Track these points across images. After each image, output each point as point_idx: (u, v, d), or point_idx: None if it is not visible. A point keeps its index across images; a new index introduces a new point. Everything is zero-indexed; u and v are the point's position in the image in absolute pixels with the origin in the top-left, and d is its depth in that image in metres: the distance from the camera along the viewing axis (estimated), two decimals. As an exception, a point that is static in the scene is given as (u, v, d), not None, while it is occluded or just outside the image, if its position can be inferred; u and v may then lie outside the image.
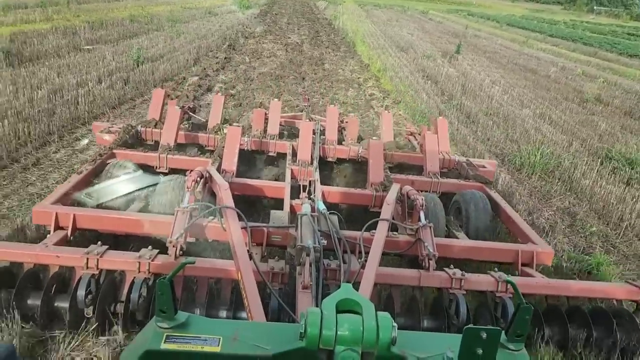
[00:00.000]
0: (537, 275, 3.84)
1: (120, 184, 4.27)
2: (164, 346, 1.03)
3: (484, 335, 0.96)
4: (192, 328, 1.08)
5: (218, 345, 1.06)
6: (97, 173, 4.56)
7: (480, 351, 0.97)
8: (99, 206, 4.17)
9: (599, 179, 7.17)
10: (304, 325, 1.05)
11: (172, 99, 6.74)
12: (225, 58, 13.47)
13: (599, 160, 8.13)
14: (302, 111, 7.82)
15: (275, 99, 6.27)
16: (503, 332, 1.12)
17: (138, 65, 10.54)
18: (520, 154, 7.79)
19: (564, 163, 7.59)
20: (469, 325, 0.95)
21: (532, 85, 14.64)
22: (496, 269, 3.71)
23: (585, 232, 5.74)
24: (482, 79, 14.05)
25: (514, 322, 1.12)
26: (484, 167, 5.81)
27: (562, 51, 25.56)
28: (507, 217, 4.72)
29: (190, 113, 6.63)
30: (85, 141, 5.59)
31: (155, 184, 4.33)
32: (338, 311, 1.09)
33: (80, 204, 4.09)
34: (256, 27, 21.04)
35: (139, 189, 4.31)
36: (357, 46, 18.46)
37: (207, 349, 1.05)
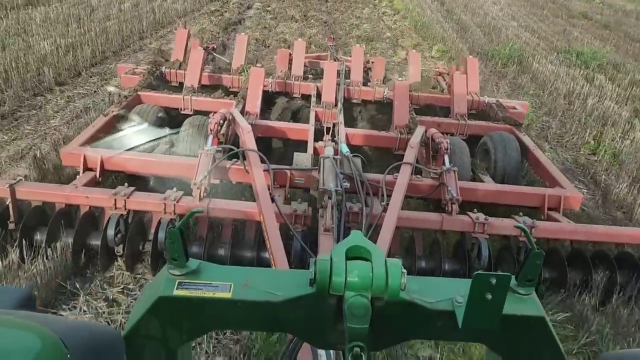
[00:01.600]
0: (564, 220, 3.79)
1: (125, 138, 4.25)
2: (176, 292, 1.05)
3: (494, 280, 0.96)
4: (204, 275, 1.10)
5: (229, 292, 1.08)
6: (123, 115, 4.60)
7: (489, 296, 0.97)
8: None
9: (547, 63, 9.16)
10: (313, 272, 1.06)
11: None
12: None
13: (555, 53, 10.01)
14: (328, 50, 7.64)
15: (300, 39, 6.12)
16: (513, 277, 1.11)
17: (192, -13, 12.84)
18: (492, 49, 9.71)
19: (525, 55, 9.51)
20: (479, 272, 0.94)
21: (530, 5, 15.85)
22: (521, 214, 3.66)
23: (523, 93, 7.80)
24: (483, 2, 15.26)
25: (525, 267, 1.11)
26: (514, 108, 5.63)
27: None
28: (535, 160, 4.61)
29: (214, 54, 6.55)
30: (111, 88, 5.64)
31: (161, 137, 4.32)
32: (348, 258, 1.09)
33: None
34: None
35: (144, 143, 4.28)
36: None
37: (219, 295, 1.07)
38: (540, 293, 3.28)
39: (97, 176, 3.75)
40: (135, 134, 4.26)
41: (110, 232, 3.17)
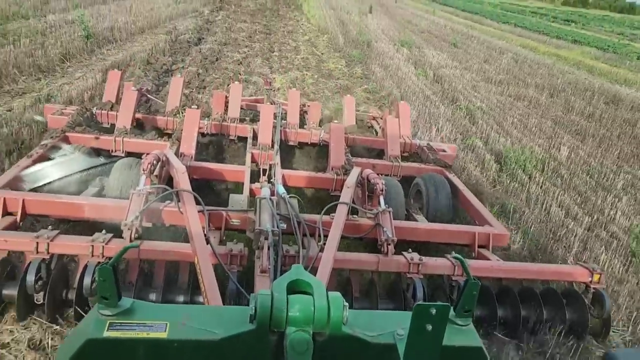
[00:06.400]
0: (493, 257, 3.93)
1: (55, 166, 4.03)
2: (107, 334, 0.98)
3: (434, 311, 0.97)
4: (138, 314, 1.03)
5: (165, 331, 1.02)
6: (48, 157, 4.37)
7: (429, 327, 0.98)
8: (37, 190, 3.97)
9: (382, 44, 16.35)
10: (254, 308, 1.02)
11: (128, 81, 6.52)
12: (220, 7, 21.55)
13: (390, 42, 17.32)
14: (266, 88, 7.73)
15: (236, 82, 6.16)
16: (452, 308, 1.13)
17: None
18: (355, 37, 16.46)
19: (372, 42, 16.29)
20: (419, 302, 0.95)
21: (398, 25, 23.32)
22: (453, 252, 3.77)
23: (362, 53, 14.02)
24: (371, 23, 22.34)
25: (462, 297, 1.13)
26: (444, 151, 5.89)
27: (453, 17, 33.65)
28: (465, 200, 4.80)
29: (148, 95, 6.45)
30: (39, 117, 5.35)
31: (95, 166, 4.15)
32: (289, 292, 1.06)
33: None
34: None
35: (77, 172, 4.08)
36: (302, 6, 26.60)
37: (153, 335, 1.01)
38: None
39: (18, 220, 3.50)
40: (64, 164, 4.03)
41: (30, 278, 2.94)
